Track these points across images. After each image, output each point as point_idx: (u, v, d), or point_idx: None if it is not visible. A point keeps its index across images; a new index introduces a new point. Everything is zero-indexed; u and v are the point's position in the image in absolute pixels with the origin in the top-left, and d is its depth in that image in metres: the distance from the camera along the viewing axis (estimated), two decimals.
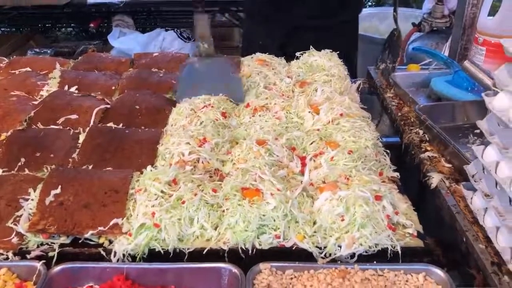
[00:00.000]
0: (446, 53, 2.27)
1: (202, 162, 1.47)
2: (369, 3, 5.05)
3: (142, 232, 1.24)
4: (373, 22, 3.83)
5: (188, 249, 1.24)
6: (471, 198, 1.32)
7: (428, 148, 1.64)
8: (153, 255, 1.23)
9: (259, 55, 2.18)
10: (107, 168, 1.48)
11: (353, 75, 2.15)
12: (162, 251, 1.23)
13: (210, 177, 1.45)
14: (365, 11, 4.04)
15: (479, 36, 2.01)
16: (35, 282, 1.13)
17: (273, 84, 1.94)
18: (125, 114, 1.76)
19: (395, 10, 2.29)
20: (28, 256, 1.22)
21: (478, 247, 1.21)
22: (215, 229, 1.28)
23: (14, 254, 1.23)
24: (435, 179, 1.48)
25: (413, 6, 4.44)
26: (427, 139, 1.69)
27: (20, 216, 1.29)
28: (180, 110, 1.74)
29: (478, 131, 1.34)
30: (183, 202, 1.29)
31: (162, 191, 1.31)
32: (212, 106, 1.71)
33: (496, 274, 1.13)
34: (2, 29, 4.63)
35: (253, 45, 2.33)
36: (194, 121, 1.65)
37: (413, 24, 2.77)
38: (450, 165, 1.54)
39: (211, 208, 1.31)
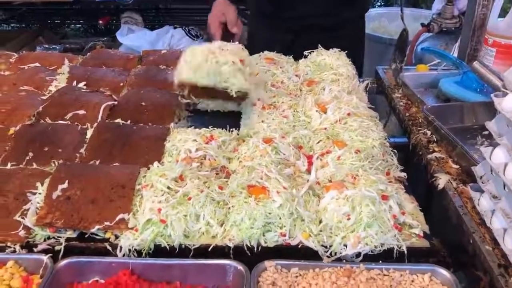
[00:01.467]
0: (456, 54, 2.26)
1: (209, 159, 1.47)
2: (378, 3, 5.03)
3: (148, 227, 1.25)
4: (382, 22, 3.81)
5: (193, 245, 1.24)
6: (479, 200, 1.31)
7: (436, 149, 1.63)
8: (158, 251, 1.23)
9: (267, 53, 2.17)
10: (114, 164, 1.49)
11: (358, 74, 2.15)
12: (167, 247, 1.23)
13: (217, 174, 1.45)
14: (373, 10, 4.04)
15: (489, 37, 2.00)
16: (42, 275, 1.14)
17: (281, 83, 1.94)
18: (132, 110, 1.77)
19: (401, 10, 2.28)
20: (35, 250, 1.23)
21: (485, 248, 1.20)
22: (221, 226, 1.28)
23: (21, 247, 1.24)
24: (442, 180, 1.47)
25: (422, 7, 4.42)
26: (435, 139, 1.68)
27: (28, 209, 1.30)
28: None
29: (486, 132, 1.34)
30: (189, 199, 1.29)
31: (168, 187, 1.31)
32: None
33: (502, 276, 1.13)
34: (12, 25, 4.66)
35: (259, 44, 2.32)
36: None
37: (422, 24, 2.76)
38: (457, 166, 1.53)
39: (217, 205, 1.31)
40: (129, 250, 1.22)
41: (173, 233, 1.24)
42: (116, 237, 1.27)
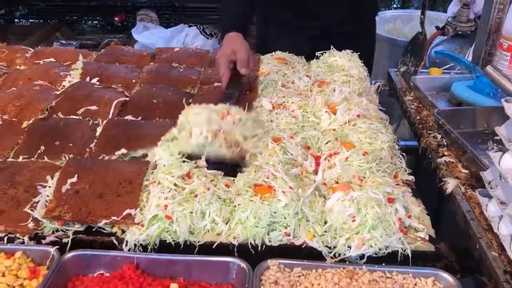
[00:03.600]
0: (470, 58, 2.23)
1: (223, 132, 1.43)
2: (394, 5, 5.00)
3: (154, 223, 1.26)
4: (397, 25, 3.79)
5: (198, 242, 1.25)
6: (486, 205, 1.30)
7: (446, 153, 1.62)
8: (164, 247, 1.24)
9: (279, 53, 2.18)
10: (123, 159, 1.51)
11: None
12: (172, 243, 1.24)
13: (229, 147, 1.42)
14: (389, 13, 4.02)
15: (504, 42, 1.97)
16: (48, 267, 1.16)
17: (292, 83, 1.94)
18: (144, 107, 1.79)
19: (422, 13, 2.25)
20: (43, 241, 1.25)
21: (491, 254, 1.19)
22: (226, 223, 1.29)
23: (30, 238, 1.26)
24: (450, 184, 1.46)
25: (439, 10, 4.38)
26: (445, 143, 1.67)
27: (37, 202, 1.33)
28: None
29: (498, 137, 1.32)
30: (196, 196, 1.30)
31: (175, 184, 1.32)
32: None
33: (508, 282, 1.11)
34: (31, 20, 4.74)
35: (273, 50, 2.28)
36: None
37: (437, 27, 2.73)
38: (467, 171, 1.52)
39: (223, 203, 1.32)
40: (135, 245, 1.23)
41: (178, 229, 1.25)
42: (123, 231, 1.28)
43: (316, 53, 2.15)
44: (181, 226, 1.25)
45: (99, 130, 1.64)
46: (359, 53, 2.13)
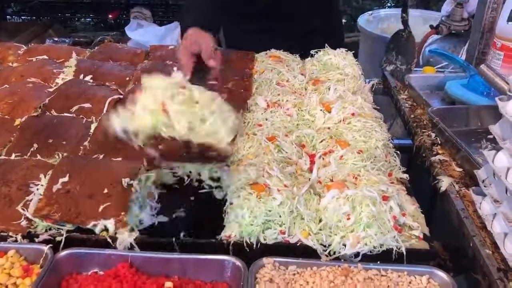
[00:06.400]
0: (464, 57, 2.24)
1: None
2: (388, 4, 5.02)
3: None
4: (391, 23, 3.79)
5: (194, 241, 1.24)
6: (480, 203, 1.31)
7: (440, 152, 1.63)
8: (159, 247, 1.24)
9: (273, 51, 2.18)
10: (117, 158, 1.49)
11: None
12: (167, 242, 1.24)
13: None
14: (383, 11, 4.02)
15: (497, 41, 1.98)
16: (42, 265, 1.15)
17: (286, 81, 1.94)
18: None
19: (404, 12, 2.23)
20: (36, 240, 1.24)
21: (485, 252, 1.20)
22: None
23: (23, 237, 1.25)
24: (444, 182, 1.47)
25: (433, 9, 4.39)
26: (439, 142, 1.67)
27: (31, 200, 1.31)
28: None
29: (491, 136, 1.33)
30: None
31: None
32: None
33: (501, 280, 1.12)
34: (23, 17, 4.71)
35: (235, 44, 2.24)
36: None
37: (431, 26, 2.74)
38: (461, 169, 1.53)
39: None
40: (129, 245, 1.23)
41: (176, 124, 1.19)
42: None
43: (310, 51, 2.15)
44: (180, 122, 1.18)
45: (93, 127, 1.62)
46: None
